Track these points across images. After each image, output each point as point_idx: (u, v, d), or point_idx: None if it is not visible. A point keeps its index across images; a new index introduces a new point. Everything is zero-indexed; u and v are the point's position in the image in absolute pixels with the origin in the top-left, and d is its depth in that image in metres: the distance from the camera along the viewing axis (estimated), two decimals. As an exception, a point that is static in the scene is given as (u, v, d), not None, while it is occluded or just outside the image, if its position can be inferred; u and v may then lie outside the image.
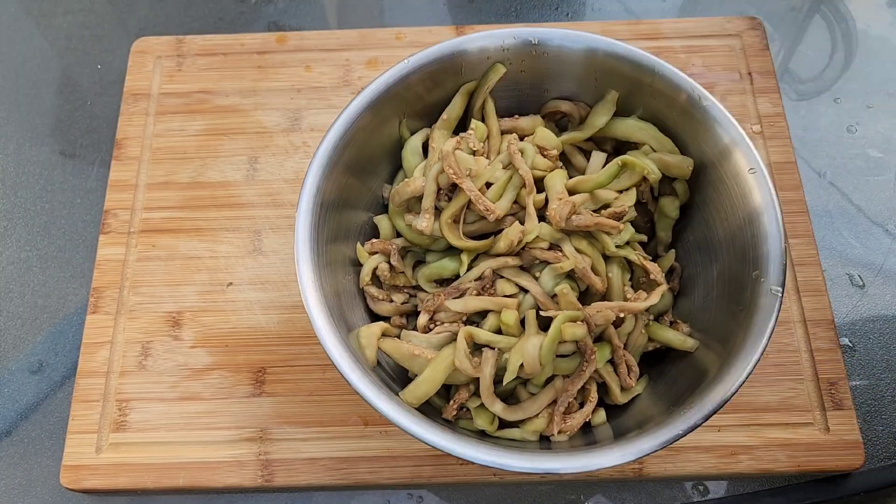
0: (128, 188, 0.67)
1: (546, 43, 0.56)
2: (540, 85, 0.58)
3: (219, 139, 0.69)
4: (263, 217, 0.66)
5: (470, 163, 0.53)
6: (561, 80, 0.58)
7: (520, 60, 0.56)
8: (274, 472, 0.57)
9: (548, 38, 0.55)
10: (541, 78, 0.58)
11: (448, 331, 0.52)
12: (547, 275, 0.52)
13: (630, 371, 0.53)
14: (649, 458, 0.57)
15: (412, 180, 0.54)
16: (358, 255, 0.56)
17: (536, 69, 0.57)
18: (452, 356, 0.50)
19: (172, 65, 0.73)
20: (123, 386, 0.60)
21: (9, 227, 0.69)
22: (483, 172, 0.53)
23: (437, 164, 0.53)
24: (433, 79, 0.56)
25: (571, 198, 0.53)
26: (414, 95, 0.56)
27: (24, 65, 0.76)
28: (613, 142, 0.59)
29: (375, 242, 0.56)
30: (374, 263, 0.56)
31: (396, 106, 0.55)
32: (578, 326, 0.49)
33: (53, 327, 0.64)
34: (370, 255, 0.56)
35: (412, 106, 0.57)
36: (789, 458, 0.57)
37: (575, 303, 0.51)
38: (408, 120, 0.57)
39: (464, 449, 0.45)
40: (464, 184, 0.52)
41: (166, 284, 0.64)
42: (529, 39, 0.55)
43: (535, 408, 0.51)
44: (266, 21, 0.79)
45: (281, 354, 0.61)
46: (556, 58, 0.56)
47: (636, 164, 0.54)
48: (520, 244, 0.52)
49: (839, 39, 0.77)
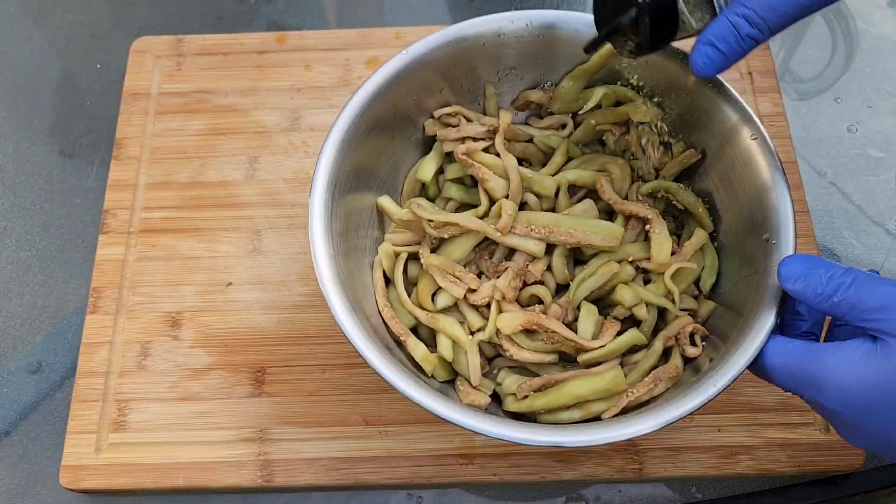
0: (127, 188, 0.67)
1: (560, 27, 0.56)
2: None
3: (218, 139, 0.69)
4: (263, 217, 0.66)
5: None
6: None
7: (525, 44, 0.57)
8: (273, 472, 0.57)
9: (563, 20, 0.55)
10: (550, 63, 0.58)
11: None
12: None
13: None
14: (649, 458, 0.57)
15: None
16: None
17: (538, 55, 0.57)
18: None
19: (172, 64, 0.73)
20: (123, 386, 0.60)
21: (8, 226, 0.69)
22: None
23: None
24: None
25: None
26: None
27: (23, 64, 0.76)
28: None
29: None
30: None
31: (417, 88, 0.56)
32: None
33: (53, 327, 0.64)
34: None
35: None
36: (789, 458, 0.56)
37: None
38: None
39: (467, 419, 0.45)
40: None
41: (166, 284, 0.64)
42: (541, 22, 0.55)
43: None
44: (266, 20, 0.79)
45: (280, 354, 0.61)
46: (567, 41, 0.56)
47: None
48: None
49: (840, 39, 0.76)
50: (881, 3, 0.78)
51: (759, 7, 0.42)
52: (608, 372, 0.49)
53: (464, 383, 0.53)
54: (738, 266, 0.53)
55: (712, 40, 0.44)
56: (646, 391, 0.49)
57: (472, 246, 0.54)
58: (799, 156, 0.69)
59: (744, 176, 0.52)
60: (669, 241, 0.53)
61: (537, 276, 0.53)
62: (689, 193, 0.55)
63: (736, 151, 0.52)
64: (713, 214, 0.56)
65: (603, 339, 0.51)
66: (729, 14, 0.43)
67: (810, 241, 0.64)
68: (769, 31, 0.43)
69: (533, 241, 0.53)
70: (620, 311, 0.53)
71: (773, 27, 0.43)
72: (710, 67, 0.45)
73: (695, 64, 0.46)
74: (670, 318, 0.53)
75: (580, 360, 0.51)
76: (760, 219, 0.50)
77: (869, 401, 0.39)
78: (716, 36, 0.44)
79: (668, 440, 0.57)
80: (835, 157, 0.70)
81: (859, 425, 0.40)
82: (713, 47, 0.44)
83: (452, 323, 0.53)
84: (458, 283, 0.53)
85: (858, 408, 0.40)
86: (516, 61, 0.58)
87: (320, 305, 0.61)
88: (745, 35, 0.43)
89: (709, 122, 0.54)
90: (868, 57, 0.75)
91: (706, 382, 0.45)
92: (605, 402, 0.49)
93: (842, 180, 0.69)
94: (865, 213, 0.68)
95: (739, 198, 0.53)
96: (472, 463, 0.57)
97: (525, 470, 0.56)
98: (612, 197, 0.54)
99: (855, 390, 0.39)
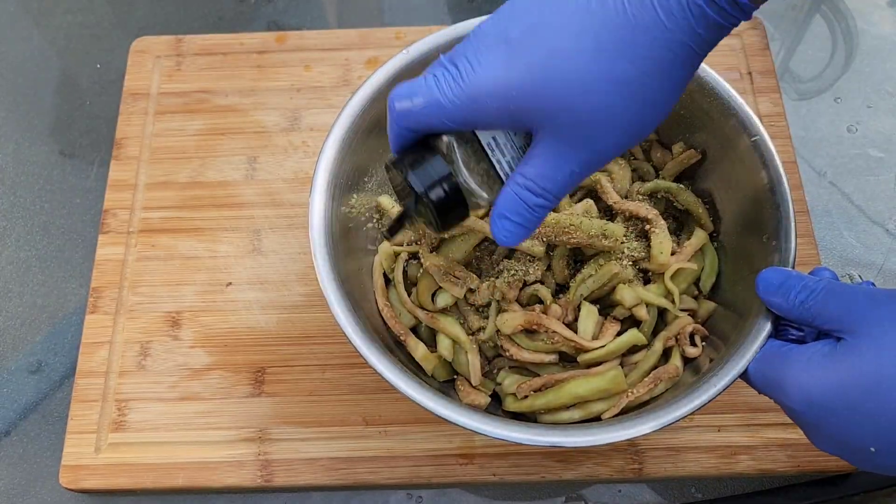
0: (127, 188, 0.67)
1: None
2: None
3: (218, 139, 0.69)
4: (263, 217, 0.66)
5: None
6: None
7: None
8: (273, 472, 0.57)
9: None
10: None
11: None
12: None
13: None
14: (649, 458, 0.57)
15: None
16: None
17: None
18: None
19: (172, 64, 0.73)
20: (122, 386, 0.60)
21: (8, 226, 0.69)
22: None
23: None
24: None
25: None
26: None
27: (23, 64, 0.76)
28: None
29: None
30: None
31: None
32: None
33: (52, 327, 0.64)
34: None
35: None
36: (789, 458, 0.56)
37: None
38: None
39: (467, 419, 0.45)
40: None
41: (165, 284, 0.64)
42: None
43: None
44: (266, 20, 0.79)
45: (280, 354, 0.61)
46: None
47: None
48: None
49: (840, 39, 0.76)
50: (881, 3, 0.78)
51: (536, 177, 0.39)
52: (608, 372, 0.49)
53: (464, 383, 0.53)
54: (738, 266, 0.53)
55: (505, 213, 0.41)
56: (646, 391, 0.49)
57: (472, 246, 0.54)
58: (799, 156, 0.69)
59: (744, 176, 0.52)
60: (669, 241, 0.53)
61: (537, 275, 0.53)
62: (689, 194, 0.55)
63: (736, 152, 0.53)
64: (713, 214, 0.56)
65: (603, 339, 0.51)
66: (512, 185, 0.40)
67: (810, 241, 0.64)
68: (555, 198, 0.40)
69: (533, 241, 0.52)
70: (620, 311, 0.53)
71: (557, 194, 0.40)
72: (512, 238, 0.42)
73: (496, 237, 0.42)
74: (670, 319, 0.53)
75: (580, 360, 0.51)
76: (760, 219, 0.50)
77: (825, 400, 0.39)
78: (506, 209, 0.41)
79: (667, 440, 0.57)
80: (835, 157, 0.70)
81: (820, 426, 0.40)
82: (508, 220, 0.41)
83: (453, 323, 0.53)
84: (458, 283, 0.53)
85: (817, 408, 0.39)
86: None
87: (320, 305, 0.61)
88: (533, 205, 0.40)
89: (709, 122, 0.54)
90: (868, 57, 0.75)
91: (706, 383, 0.45)
92: (605, 402, 0.49)
93: (842, 180, 0.69)
94: (865, 213, 0.68)
95: (739, 198, 0.53)
96: (472, 463, 0.57)
97: (525, 470, 0.56)
98: (613, 197, 0.54)
99: (813, 390, 0.39)
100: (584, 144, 0.38)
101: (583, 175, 0.40)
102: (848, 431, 0.39)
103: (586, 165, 0.39)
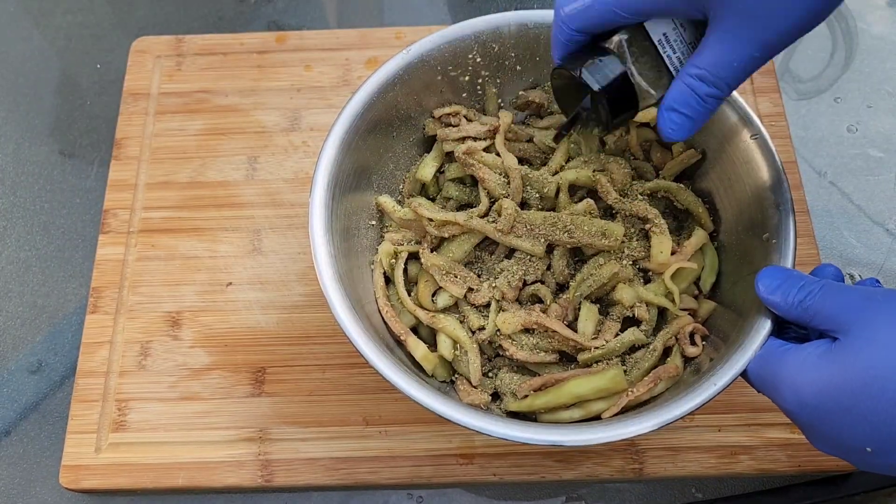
0: (127, 188, 0.67)
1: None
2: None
3: (218, 139, 0.69)
4: (263, 217, 0.66)
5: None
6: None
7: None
8: (273, 472, 0.57)
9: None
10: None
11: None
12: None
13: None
14: (649, 458, 0.57)
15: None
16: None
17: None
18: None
19: (172, 64, 0.73)
20: (123, 386, 0.60)
21: (8, 226, 0.69)
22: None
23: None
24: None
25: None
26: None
27: (23, 64, 0.76)
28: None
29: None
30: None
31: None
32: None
33: (53, 327, 0.64)
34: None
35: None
36: (789, 458, 0.56)
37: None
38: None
39: (467, 418, 0.45)
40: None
41: (166, 284, 0.64)
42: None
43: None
44: (266, 20, 0.79)
45: (280, 354, 0.61)
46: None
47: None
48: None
49: (839, 39, 0.76)
50: (881, 3, 0.78)
51: (711, 66, 0.40)
52: (608, 371, 0.49)
53: (464, 383, 0.53)
54: (738, 266, 0.53)
55: (674, 105, 0.42)
56: (646, 390, 0.49)
57: (472, 245, 0.54)
58: (799, 156, 0.69)
59: (744, 176, 0.52)
60: (669, 240, 0.53)
61: (537, 275, 0.53)
62: (689, 193, 0.55)
63: (736, 151, 0.53)
64: (713, 214, 0.56)
65: (603, 338, 0.51)
66: (684, 77, 0.41)
67: (810, 241, 0.64)
68: (728, 87, 0.41)
69: (533, 241, 0.52)
70: (620, 310, 0.53)
71: (731, 83, 0.41)
72: (679, 133, 0.43)
73: (662, 131, 0.43)
74: (670, 318, 0.53)
75: (580, 359, 0.51)
76: (760, 219, 0.50)
77: (818, 401, 0.38)
78: (676, 101, 0.42)
79: (667, 440, 0.57)
80: (835, 157, 0.70)
81: (815, 427, 0.40)
82: (676, 112, 0.42)
83: (453, 322, 0.53)
84: (458, 283, 0.53)
85: (811, 408, 0.39)
86: (516, 61, 0.58)
87: (320, 305, 0.61)
88: (705, 95, 0.41)
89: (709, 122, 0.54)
90: (868, 57, 0.75)
91: (706, 382, 0.45)
92: (606, 401, 0.49)
93: (842, 180, 0.69)
94: (865, 213, 0.68)
95: (739, 198, 0.53)
96: (472, 463, 0.57)
97: (525, 470, 0.56)
98: (613, 196, 0.54)
99: (806, 391, 0.39)
100: (767, 24, 0.37)
101: (762, 60, 0.39)
102: (842, 432, 0.38)
103: (767, 48, 0.38)
